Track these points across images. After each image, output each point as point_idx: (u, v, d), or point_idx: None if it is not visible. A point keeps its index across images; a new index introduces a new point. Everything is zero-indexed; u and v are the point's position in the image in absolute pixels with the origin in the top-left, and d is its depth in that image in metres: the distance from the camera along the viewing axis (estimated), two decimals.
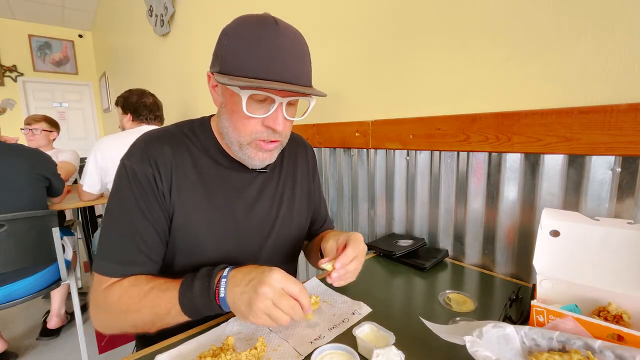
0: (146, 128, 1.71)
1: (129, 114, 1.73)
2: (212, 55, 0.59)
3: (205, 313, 0.52)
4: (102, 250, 0.57)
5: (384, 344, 0.49)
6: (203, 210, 0.62)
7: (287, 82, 0.52)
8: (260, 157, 0.60)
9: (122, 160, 0.59)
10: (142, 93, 1.77)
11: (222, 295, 0.50)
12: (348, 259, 0.57)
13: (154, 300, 0.52)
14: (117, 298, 0.54)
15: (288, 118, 0.58)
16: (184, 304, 0.51)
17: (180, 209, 0.60)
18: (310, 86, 0.58)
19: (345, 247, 0.59)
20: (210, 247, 0.63)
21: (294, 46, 0.54)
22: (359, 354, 0.48)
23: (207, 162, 0.64)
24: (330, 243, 0.63)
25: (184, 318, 0.53)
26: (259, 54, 0.51)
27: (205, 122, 0.68)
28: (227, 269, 0.52)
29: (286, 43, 0.53)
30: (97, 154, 1.56)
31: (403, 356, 0.45)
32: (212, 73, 0.58)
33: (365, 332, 0.53)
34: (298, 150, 0.80)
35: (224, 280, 0.50)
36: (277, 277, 0.48)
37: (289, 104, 0.57)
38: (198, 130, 0.66)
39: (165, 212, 0.59)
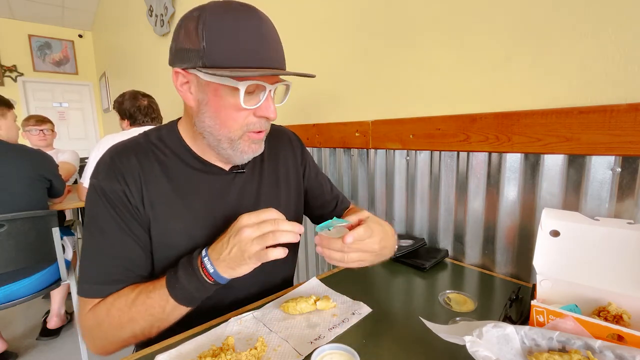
0: (147, 129, 1.71)
1: (126, 120, 1.73)
2: (178, 49, 0.53)
3: (200, 296, 0.53)
4: (84, 274, 0.56)
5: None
6: (181, 219, 0.60)
7: (277, 68, 0.52)
8: (253, 149, 0.60)
9: (91, 179, 0.57)
10: (134, 96, 1.72)
11: (211, 270, 0.51)
12: (360, 236, 0.52)
13: (144, 304, 0.52)
14: (105, 314, 0.53)
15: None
16: (176, 296, 0.52)
17: (155, 222, 0.58)
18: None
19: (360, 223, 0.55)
20: None
21: (274, 31, 0.54)
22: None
23: (180, 169, 0.61)
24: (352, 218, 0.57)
25: (181, 310, 0.53)
26: (247, 42, 0.50)
27: (173, 127, 0.65)
28: (203, 250, 0.53)
29: (268, 28, 0.52)
30: (99, 151, 1.57)
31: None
32: (183, 70, 0.53)
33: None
34: (280, 144, 0.76)
35: (205, 258, 0.52)
36: (245, 217, 0.51)
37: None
38: (167, 138, 0.63)
39: (143, 225, 0.58)
